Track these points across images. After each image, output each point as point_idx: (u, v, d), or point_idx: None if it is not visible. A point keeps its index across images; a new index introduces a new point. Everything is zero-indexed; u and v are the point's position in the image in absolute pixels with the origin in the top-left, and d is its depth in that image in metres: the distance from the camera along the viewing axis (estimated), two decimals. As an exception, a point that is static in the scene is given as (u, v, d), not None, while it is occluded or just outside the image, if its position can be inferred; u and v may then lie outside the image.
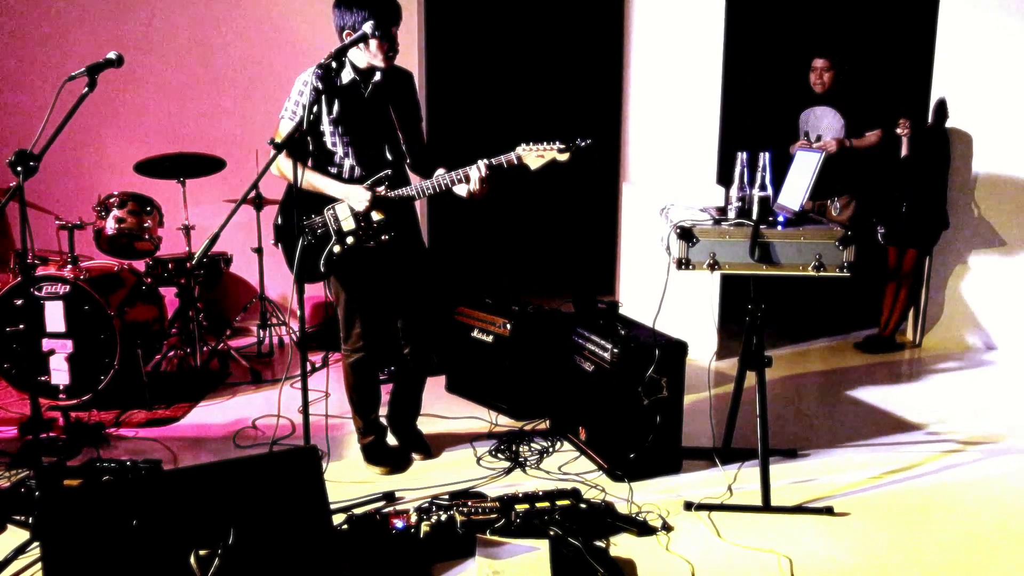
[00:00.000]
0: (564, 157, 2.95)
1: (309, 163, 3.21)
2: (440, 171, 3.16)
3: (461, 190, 3.07)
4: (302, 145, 3.17)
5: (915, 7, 5.51)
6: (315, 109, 3.11)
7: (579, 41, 7.40)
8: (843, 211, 5.22)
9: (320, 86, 3.06)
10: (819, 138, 5.15)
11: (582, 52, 7.38)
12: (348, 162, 3.18)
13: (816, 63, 5.12)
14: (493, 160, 3.01)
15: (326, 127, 3.15)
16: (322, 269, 3.21)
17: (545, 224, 7.36)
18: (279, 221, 3.26)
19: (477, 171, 3.00)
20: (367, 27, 2.87)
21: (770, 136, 5.07)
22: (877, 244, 5.19)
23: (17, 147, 2.66)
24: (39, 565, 2.54)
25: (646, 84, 5.03)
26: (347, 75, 3.11)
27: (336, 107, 3.12)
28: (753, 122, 5.36)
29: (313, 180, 3.15)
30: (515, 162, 2.99)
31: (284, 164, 3.11)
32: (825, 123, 5.17)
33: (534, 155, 2.97)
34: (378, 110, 3.17)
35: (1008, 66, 4.95)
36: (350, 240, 3.17)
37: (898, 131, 4.89)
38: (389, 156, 3.22)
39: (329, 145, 3.17)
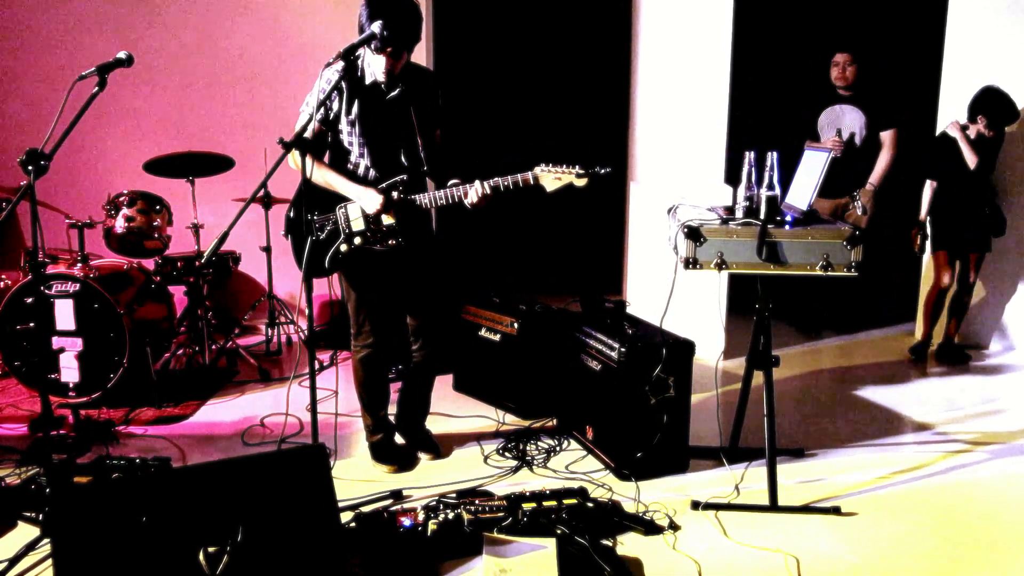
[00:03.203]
0: (582, 183, 2.97)
1: (326, 159, 3.22)
2: (453, 181, 3.16)
3: (466, 201, 3.08)
4: (320, 141, 3.18)
5: (925, 3, 5.49)
6: (335, 107, 3.11)
7: (587, 40, 7.39)
8: (868, 211, 5.20)
9: (341, 83, 3.05)
10: (852, 135, 5.15)
11: (590, 51, 7.37)
12: (364, 163, 3.18)
13: (838, 58, 5.09)
14: (509, 178, 3.01)
15: (344, 126, 3.14)
16: (327, 266, 3.22)
17: (553, 223, 7.36)
18: (291, 214, 3.27)
19: (475, 193, 3.03)
20: (375, 26, 2.86)
21: (778, 135, 5.07)
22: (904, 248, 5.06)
23: (28, 146, 2.68)
24: (49, 562, 2.56)
25: (654, 83, 5.03)
26: (370, 75, 3.10)
27: (356, 107, 3.11)
28: (755, 121, 5.34)
29: (328, 178, 3.15)
30: (531, 182, 3.00)
31: (300, 159, 3.11)
32: (847, 120, 5.17)
33: (551, 177, 2.98)
34: (398, 114, 3.14)
35: (1015, 63, 4.93)
36: (358, 240, 3.18)
37: (981, 131, 4.64)
38: (405, 161, 3.20)
39: (346, 144, 3.17)
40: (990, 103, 4.63)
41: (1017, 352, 5.17)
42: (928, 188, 4.91)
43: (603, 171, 2.97)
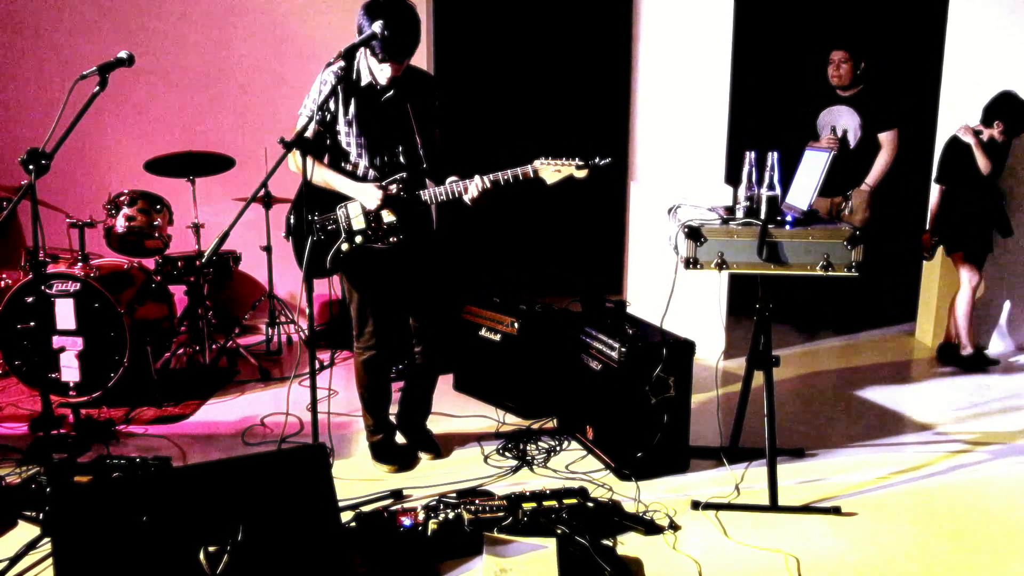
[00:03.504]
0: (582, 174, 2.98)
1: (325, 160, 3.22)
2: (452, 179, 3.16)
3: (466, 197, 3.08)
4: (319, 142, 3.19)
5: (926, 3, 5.48)
6: (332, 107, 3.12)
7: (587, 40, 7.39)
8: (857, 212, 5.20)
9: (338, 85, 3.06)
10: (845, 133, 5.15)
11: (590, 51, 7.37)
12: (362, 163, 3.18)
13: (834, 56, 5.11)
14: (509, 172, 3.02)
15: (342, 127, 3.15)
16: (328, 266, 3.23)
17: (553, 223, 7.36)
18: (292, 216, 3.27)
19: (475, 188, 3.03)
20: (376, 26, 2.86)
21: (779, 135, 5.08)
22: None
23: (29, 146, 2.68)
24: (50, 561, 2.56)
25: (654, 83, 5.03)
26: (366, 76, 3.11)
27: (352, 107, 3.12)
28: (755, 121, 5.34)
29: (327, 177, 3.16)
30: (531, 175, 3.01)
31: (300, 160, 3.11)
32: (843, 121, 5.17)
33: (551, 169, 2.98)
34: (395, 113, 3.15)
35: (1016, 63, 4.92)
36: (359, 239, 3.18)
37: (995, 136, 4.61)
38: (403, 160, 3.21)
39: (344, 145, 3.18)
40: (1009, 109, 4.61)
41: (1016, 354, 5.17)
42: (935, 192, 4.89)
43: (603, 162, 2.98)
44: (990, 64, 4.93)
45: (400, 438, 3.61)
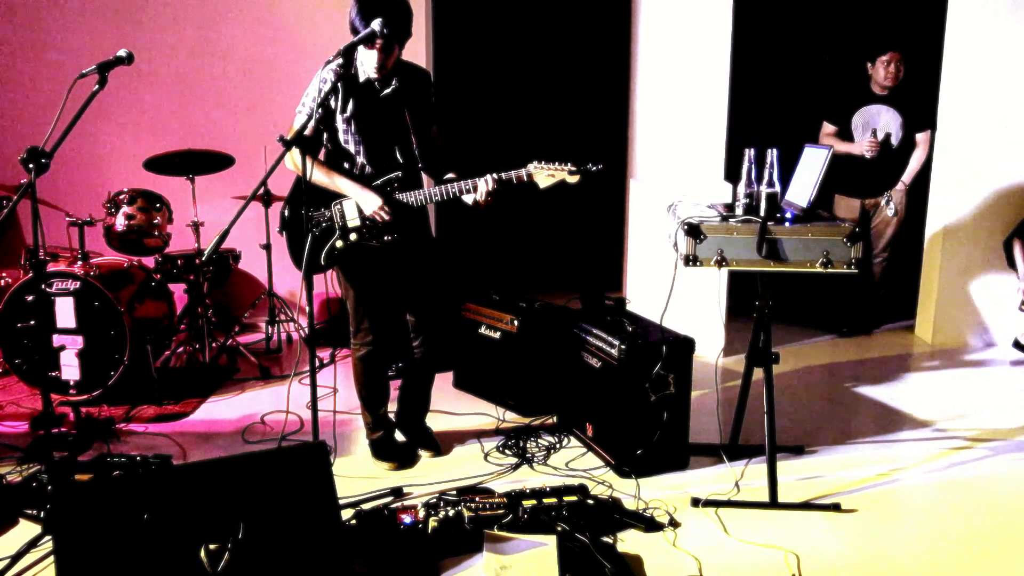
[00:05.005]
0: (574, 180, 3.00)
1: (321, 157, 3.23)
2: (449, 175, 3.17)
3: (467, 198, 3.09)
4: (317, 140, 3.19)
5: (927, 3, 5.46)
6: (331, 105, 3.12)
7: (586, 37, 7.39)
8: (900, 214, 5.16)
9: (337, 82, 3.07)
10: (887, 136, 5.11)
11: (589, 48, 7.37)
12: (360, 160, 3.19)
13: (887, 56, 5.03)
14: (503, 175, 3.03)
15: (339, 124, 3.16)
16: (323, 262, 3.23)
17: (553, 221, 7.36)
18: (286, 211, 3.28)
19: (484, 184, 3.03)
20: (375, 24, 2.87)
21: (780, 133, 5.07)
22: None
23: (29, 144, 2.68)
24: (51, 559, 2.57)
25: (653, 80, 5.02)
26: (364, 74, 3.12)
27: (351, 105, 3.13)
28: (755, 119, 5.31)
29: (326, 176, 3.16)
30: (524, 179, 3.02)
31: (298, 158, 3.12)
32: (883, 121, 5.13)
33: (545, 174, 3.00)
34: (392, 111, 3.16)
35: (1015, 63, 4.92)
36: (353, 237, 3.19)
37: None
38: (400, 158, 3.21)
39: (342, 142, 3.18)
40: None
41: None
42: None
43: (595, 168, 3.00)
44: (990, 64, 4.92)
45: (400, 436, 3.62)
